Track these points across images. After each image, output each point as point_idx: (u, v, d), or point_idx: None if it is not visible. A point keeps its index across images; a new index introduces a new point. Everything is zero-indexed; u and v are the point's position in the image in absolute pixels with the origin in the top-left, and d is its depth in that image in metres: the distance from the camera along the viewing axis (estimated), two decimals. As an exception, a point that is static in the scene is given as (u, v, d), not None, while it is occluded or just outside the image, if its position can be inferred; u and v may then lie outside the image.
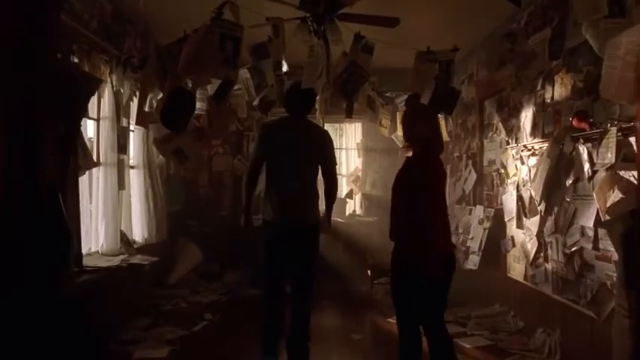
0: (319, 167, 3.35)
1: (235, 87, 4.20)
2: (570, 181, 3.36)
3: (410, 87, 3.89)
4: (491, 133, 5.06)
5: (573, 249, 3.30)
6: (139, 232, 5.01)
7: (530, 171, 3.99)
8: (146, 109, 4.10)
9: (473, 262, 4.89)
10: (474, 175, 5.35)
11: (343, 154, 7.07)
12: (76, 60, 3.38)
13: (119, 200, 4.42)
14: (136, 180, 5.00)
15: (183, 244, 6.05)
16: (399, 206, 2.77)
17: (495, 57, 4.74)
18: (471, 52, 5.48)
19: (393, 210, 2.82)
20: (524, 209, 4.06)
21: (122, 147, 4.38)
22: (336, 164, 3.47)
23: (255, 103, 4.68)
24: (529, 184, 3.98)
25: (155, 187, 5.12)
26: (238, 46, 2.94)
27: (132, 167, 4.97)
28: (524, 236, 4.11)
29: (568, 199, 3.39)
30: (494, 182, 4.92)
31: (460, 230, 5.37)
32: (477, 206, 5.17)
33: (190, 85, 3.42)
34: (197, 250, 6.07)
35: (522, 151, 4.12)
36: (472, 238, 5.04)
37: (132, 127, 4.96)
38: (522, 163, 4.14)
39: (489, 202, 5.03)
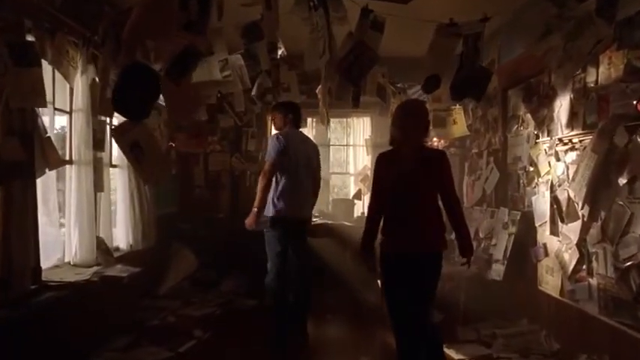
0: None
1: (225, 73, 3.63)
2: (624, 181, 2.74)
3: (428, 67, 3.28)
4: (516, 127, 4.45)
5: (629, 263, 2.69)
6: (123, 239, 4.47)
7: (568, 168, 3.38)
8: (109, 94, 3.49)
9: (497, 272, 4.29)
10: (496, 174, 4.73)
11: (350, 151, 6.49)
12: (31, 38, 2.82)
13: (96, 203, 3.88)
14: (119, 180, 4.46)
15: (176, 249, 5.51)
16: None
17: (521, 41, 4.13)
18: (491, 37, 4.85)
19: None
20: (560, 213, 3.45)
21: (99, 143, 3.82)
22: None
23: (254, 92, 4.11)
24: (566, 183, 3.38)
25: (141, 188, 4.57)
26: (207, 5, 2.32)
27: (114, 166, 4.43)
28: (560, 244, 3.50)
29: (621, 202, 2.78)
30: (521, 182, 4.31)
31: (481, 235, 4.76)
32: (501, 208, 4.55)
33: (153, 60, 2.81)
34: (191, 256, 5.52)
35: (557, 145, 3.51)
36: (495, 245, 4.43)
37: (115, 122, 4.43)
38: (557, 159, 3.53)
39: (515, 204, 4.42)
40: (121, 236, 4.46)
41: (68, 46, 3.35)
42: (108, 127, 4.00)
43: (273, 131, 4.66)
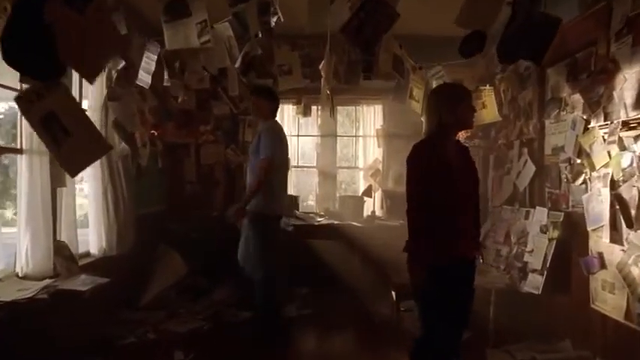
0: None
1: (203, 38, 2.93)
2: None
3: (464, 21, 2.52)
4: (556, 111, 3.71)
5: None
6: (94, 243, 3.80)
7: (639, 159, 2.65)
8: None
9: (533, 284, 3.56)
10: (530, 168, 4.00)
11: (360, 143, 5.77)
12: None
13: (57, 201, 3.22)
14: (90, 174, 3.79)
15: (162, 253, 4.83)
16: None
17: (563, 6, 3.39)
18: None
19: None
20: (626, 216, 2.72)
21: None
22: None
23: (238, 64, 3.41)
24: (636, 178, 2.65)
25: (117, 183, 3.89)
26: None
27: (83, 157, 3.76)
28: (625, 255, 2.77)
29: None
30: (563, 176, 3.58)
31: (513, 240, 4.03)
32: (537, 208, 3.82)
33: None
34: (179, 261, 4.84)
35: (621, 130, 2.78)
36: (532, 252, 3.70)
37: (85, 106, 3.76)
38: (622, 147, 2.79)
39: (554, 204, 3.69)
40: (93, 240, 3.80)
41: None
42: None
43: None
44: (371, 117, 5.67)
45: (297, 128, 5.80)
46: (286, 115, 5.63)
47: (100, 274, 3.32)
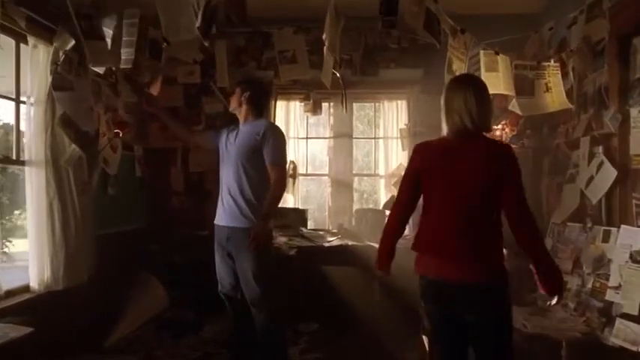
0: None
1: None
2: None
3: None
4: (648, 96, 2.67)
5: None
6: (34, 275, 2.91)
7: None
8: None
9: (626, 334, 2.50)
10: (610, 173, 2.94)
11: (380, 145, 4.78)
12: None
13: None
14: (33, 185, 2.91)
15: (139, 280, 3.93)
16: None
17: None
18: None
19: None
20: None
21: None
22: None
23: (199, 23, 2.49)
24: None
25: (66, 196, 3.00)
26: None
27: (19, 163, 2.90)
28: None
29: None
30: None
31: (585, 269, 2.97)
32: (623, 228, 2.76)
33: None
34: (160, 290, 3.93)
35: None
36: (618, 288, 2.65)
37: (24, 98, 2.90)
38: None
39: (649, 222, 2.64)
40: (34, 271, 2.91)
41: None
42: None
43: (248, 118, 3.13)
44: (393, 114, 4.69)
45: (306, 129, 4.86)
46: (292, 113, 4.70)
47: (37, 316, 2.43)
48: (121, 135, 3.36)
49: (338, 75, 2.67)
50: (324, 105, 4.66)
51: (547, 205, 3.88)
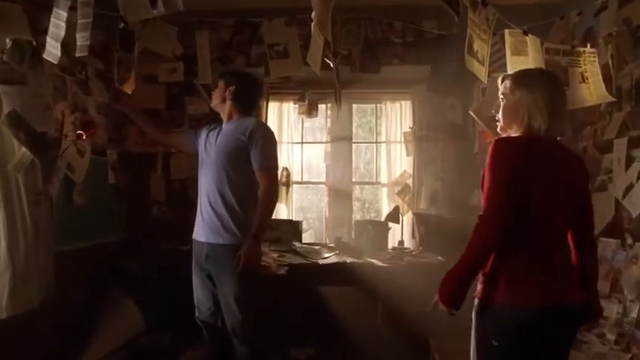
0: None
1: None
2: None
3: None
4: None
5: None
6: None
7: None
8: None
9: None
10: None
11: (382, 151, 4.31)
12: None
13: None
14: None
15: (112, 301, 3.46)
16: None
17: None
18: None
19: None
20: None
21: None
22: None
23: None
24: None
25: (15, 207, 2.54)
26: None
27: (-44, 169, 2.44)
28: None
29: None
30: None
31: (627, 294, 2.50)
32: (675, 245, 2.29)
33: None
34: (135, 312, 3.46)
35: None
36: (672, 319, 2.17)
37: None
38: None
39: None
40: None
41: None
42: None
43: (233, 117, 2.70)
44: (396, 116, 4.23)
45: (302, 133, 4.40)
46: (286, 115, 4.25)
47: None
48: (84, 137, 2.90)
49: (332, 65, 2.20)
50: (321, 106, 4.21)
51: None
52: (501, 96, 1.83)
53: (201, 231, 2.66)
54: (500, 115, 1.83)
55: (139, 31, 3.11)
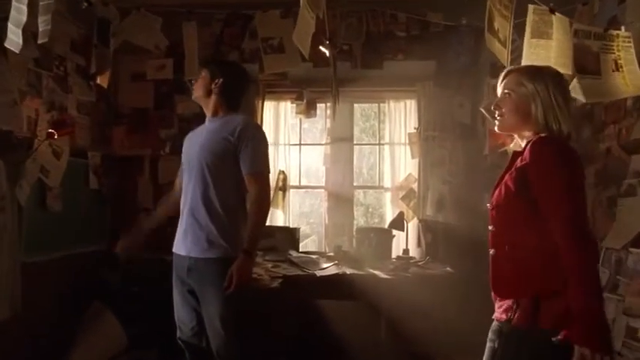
0: None
1: None
2: None
3: None
4: None
5: None
6: None
7: None
8: None
9: None
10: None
11: (385, 153, 4.01)
12: None
13: None
14: None
15: (91, 315, 3.17)
16: None
17: None
18: None
19: None
20: None
21: None
22: None
23: None
24: None
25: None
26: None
27: None
28: None
29: None
30: None
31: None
32: None
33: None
34: (117, 328, 3.17)
35: None
36: None
37: None
38: None
39: None
40: None
41: None
42: None
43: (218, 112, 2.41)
44: (401, 116, 3.93)
45: (299, 134, 4.11)
46: (283, 115, 3.96)
47: None
48: (56, 137, 2.62)
49: (327, 53, 1.91)
50: (320, 106, 3.92)
51: (594, 225, 3.09)
52: (507, 91, 1.57)
53: (183, 243, 2.36)
54: (506, 111, 1.57)
55: (116, 23, 2.83)
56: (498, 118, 1.60)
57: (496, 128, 1.64)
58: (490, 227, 1.56)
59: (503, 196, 1.52)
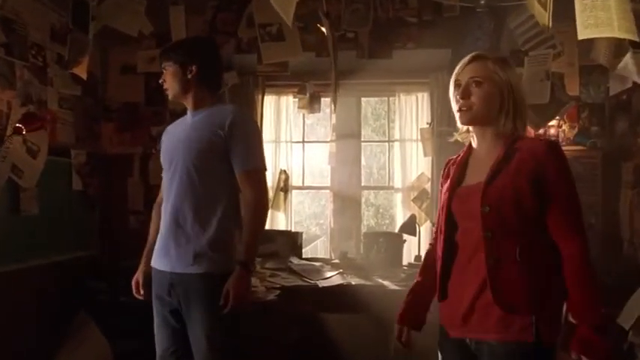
0: None
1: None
2: None
3: None
4: None
5: None
6: None
7: None
8: None
9: None
10: None
11: (395, 150, 3.66)
12: None
13: None
14: None
15: (75, 328, 2.88)
16: None
17: None
18: None
19: None
20: None
21: None
22: None
23: None
24: None
25: None
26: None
27: None
28: None
29: None
30: None
31: None
32: None
33: None
34: (101, 343, 2.87)
35: None
36: None
37: None
38: None
39: None
40: None
41: None
42: None
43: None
44: (412, 110, 3.58)
45: (303, 130, 3.78)
46: (284, 111, 3.64)
47: None
48: (24, 132, 2.32)
49: (325, 31, 1.58)
50: (324, 100, 3.59)
51: (630, 229, 2.72)
52: (478, 78, 1.36)
53: (164, 257, 2.00)
54: (476, 101, 1.36)
55: (94, 5, 2.53)
56: (464, 109, 1.37)
57: (460, 121, 1.42)
58: (486, 233, 1.30)
59: (510, 196, 1.30)
